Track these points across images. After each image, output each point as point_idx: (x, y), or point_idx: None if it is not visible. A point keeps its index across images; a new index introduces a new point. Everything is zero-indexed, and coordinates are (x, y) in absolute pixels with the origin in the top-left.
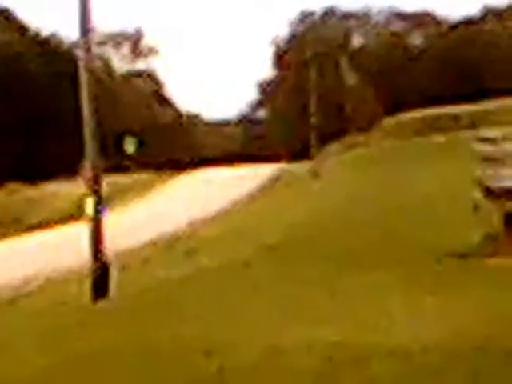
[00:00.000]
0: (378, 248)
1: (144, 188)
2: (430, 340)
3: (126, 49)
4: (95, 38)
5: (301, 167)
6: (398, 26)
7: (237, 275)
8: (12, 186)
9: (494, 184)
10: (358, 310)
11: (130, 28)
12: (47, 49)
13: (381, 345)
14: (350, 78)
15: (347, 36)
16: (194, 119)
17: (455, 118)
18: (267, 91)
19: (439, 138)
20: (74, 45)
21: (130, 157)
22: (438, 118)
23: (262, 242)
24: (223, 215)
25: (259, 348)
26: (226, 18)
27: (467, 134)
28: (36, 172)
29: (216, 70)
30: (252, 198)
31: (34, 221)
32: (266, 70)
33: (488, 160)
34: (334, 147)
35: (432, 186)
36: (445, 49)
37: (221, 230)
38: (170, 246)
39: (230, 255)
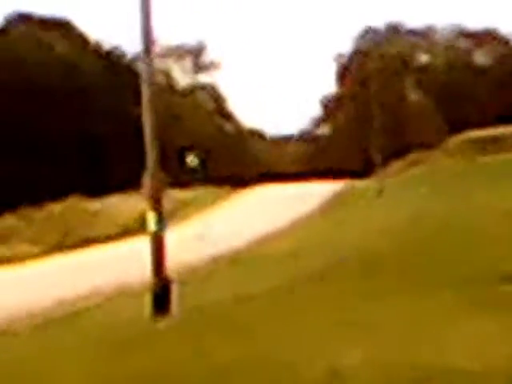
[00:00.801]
0: (443, 267)
1: (206, 203)
2: (495, 363)
3: (187, 62)
4: (157, 50)
5: (364, 185)
6: (462, 43)
7: (301, 294)
8: (73, 199)
9: None
10: (424, 331)
11: (192, 41)
12: (109, 62)
13: (445, 366)
14: (414, 95)
15: (411, 53)
16: (256, 134)
17: None
18: (330, 107)
19: (505, 157)
20: (136, 58)
21: (191, 171)
22: (503, 137)
23: (326, 261)
24: (286, 232)
25: (322, 368)
26: (290, 32)
27: None
28: (97, 186)
29: (279, 85)
30: (315, 215)
31: (94, 235)
32: (329, 86)
33: None
34: (397, 164)
35: (497, 206)
36: (509, 66)
37: (284, 247)
38: (233, 262)
39: (293, 272)
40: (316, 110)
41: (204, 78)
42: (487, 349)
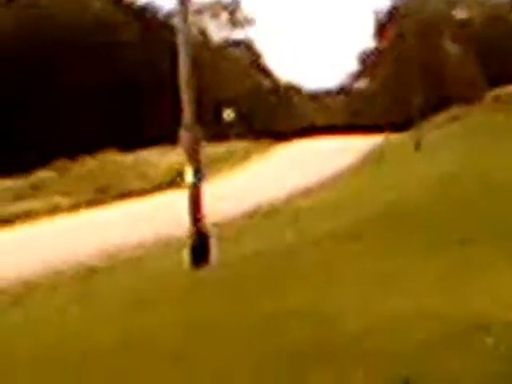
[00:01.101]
0: (482, 223)
1: (242, 157)
2: None
3: (223, 18)
4: (192, 7)
5: (403, 139)
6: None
7: (339, 247)
8: (108, 153)
9: None
10: (471, 283)
11: None
12: (144, 18)
13: (499, 316)
14: (453, 50)
15: (450, 8)
16: (293, 89)
17: None
18: (368, 62)
19: None
20: (171, 14)
21: (228, 126)
22: None
23: (364, 215)
24: (325, 186)
25: (366, 317)
26: None
27: None
28: (132, 140)
29: (316, 41)
30: (353, 170)
31: (130, 188)
32: (367, 40)
33: None
34: (437, 119)
35: None
36: None
37: (322, 200)
38: (270, 216)
39: (331, 226)
40: (354, 65)
41: (240, 34)
42: None
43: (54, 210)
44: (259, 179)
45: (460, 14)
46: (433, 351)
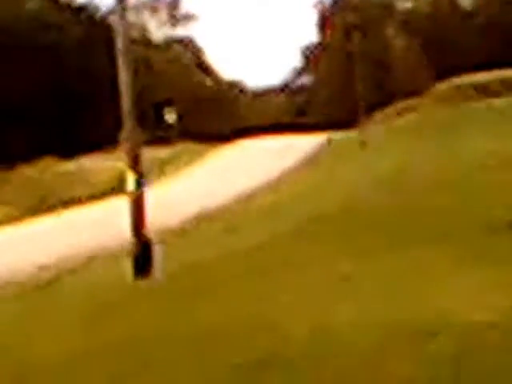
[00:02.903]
0: (426, 221)
1: (185, 160)
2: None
3: (163, 15)
4: (131, 4)
5: (348, 136)
6: None
7: (282, 250)
8: (45, 160)
9: None
10: (420, 286)
11: None
12: (81, 16)
13: (448, 320)
14: (398, 42)
15: None
16: (236, 87)
17: (504, 82)
18: (311, 57)
19: (492, 103)
20: (109, 12)
21: (170, 128)
22: (489, 83)
23: (308, 215)
24: (269, 187)
25: (309, 326)
26: None
27: None
28: (72, 145)
29: (258, 36)
30: (298, 169)
31: (71, 197)
32: (310, 34)
33: None
34: (382, 114)
35: (488, 153)
36: (496, 9)
37: (267, 202)
38: (214, 219)
39: (275, 229)
40: (297, 61)
41: (181, 31)
42: (488, 300)
43: None
44: (203, 183)
45: (404, 4)
46: (376, 359)
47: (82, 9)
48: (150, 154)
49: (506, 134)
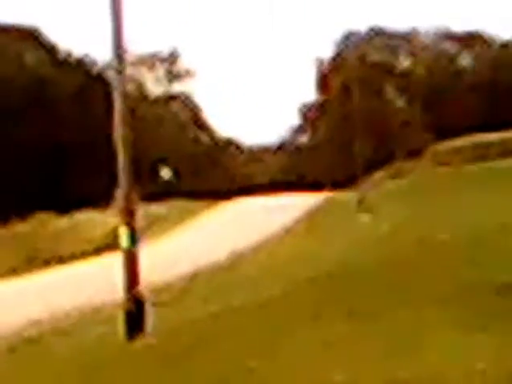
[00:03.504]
0: (426, 284)
1: (180, 218)
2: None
3: (160, 71)
4: (129, 59)
5: (345, 197)
6: (446, 46)
7: (275, 310)
8: (38, 216)
9: None
10: (407, 347)
11: (165, 49)
12: (79, 71)
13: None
14: (397, 101)
15: (393, 57)
16: (232, 145)
17: (503, 144)
18: (310, 115)
19: (492, 165)
20: (107, 67)
21: (165, 185)
22: (489, 144)
23: (304, 276)
24: (264, 247)
25: None
26: (267, 37)
27: None
28: (65, 201)
29: (256, 93)
30: (293, 230)
31: (64, 253)
32: (308, 93)
33: None
34: (380, 175)
35: (485, 217)
36: (494, 69)
37: (262, 262)
38: (209, 279)
39: (269, 289)
40: (295, 119)
41: (178, 87)
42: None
43: None
44: (197, 241)
45: (405, 62)
46: None
47: (79, 63)
48: (145, 210)
49: (505, 196)
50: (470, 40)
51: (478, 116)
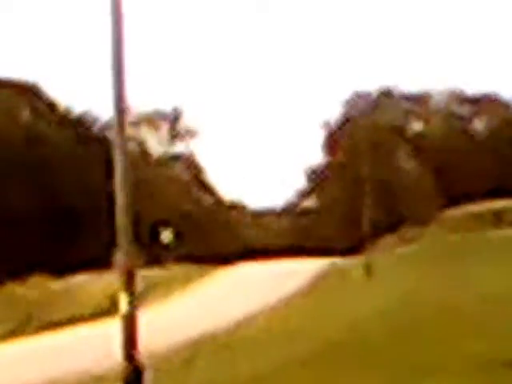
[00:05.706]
0: (431, 354)
1: (181, 283)
2: None
3: (163, 130)
4: (130, 118)
5: (353, 262)
6: (460, 109)
7: (289, 379)
8: (37, 278)
9: None
10: None
11: (167, 107)
12: (78, 130)
13: None
14: (408, 166)
15: (405, 119)
16: (236, 207)
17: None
18: (317, 178)
19: (506, 233)
20: (107, 126)
21: (166, 248)
22: (503, 211)
23: (311, 345)
24: (268, 314)
25: None
26: (273, 96)
27: None
28: (63, 263)
29: (261, 155)
30: (299, 296)
31: (59, 318)
32: (315, 155)
33: None
34: (389, 240)
35: (494, 286)
36: (509, 132)
37: (266, 330)
38: (211, 347)
39: (277, 357)
40: (302, 182)
41: (180, 146)
42: None
43: None
44: (198, 307)
45: (417, 125)
46: None
47: (78, 122)
48: (144, 275)
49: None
50: (484, 103)
51: (492, 180)
